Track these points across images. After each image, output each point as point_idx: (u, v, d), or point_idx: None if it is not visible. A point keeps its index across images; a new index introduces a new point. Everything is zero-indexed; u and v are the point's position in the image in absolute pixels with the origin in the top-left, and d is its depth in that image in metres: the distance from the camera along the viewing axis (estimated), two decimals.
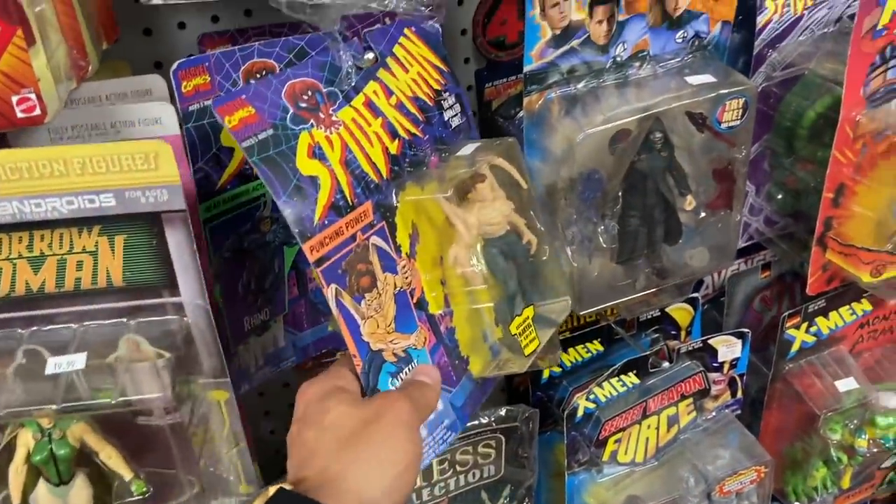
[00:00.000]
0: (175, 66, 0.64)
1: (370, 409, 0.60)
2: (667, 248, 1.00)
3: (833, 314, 1.13)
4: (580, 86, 0.90)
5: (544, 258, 0.81)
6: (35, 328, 0.60)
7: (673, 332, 1.18)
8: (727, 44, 0.95)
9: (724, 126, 0.90)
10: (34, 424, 0.63)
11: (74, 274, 0.58)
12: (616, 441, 1.07)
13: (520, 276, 0.76)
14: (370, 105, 0.66)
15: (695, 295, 1.17)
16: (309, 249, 0.59)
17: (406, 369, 0.68)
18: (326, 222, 0.60)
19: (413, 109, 0.70)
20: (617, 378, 1.05)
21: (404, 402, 0.61)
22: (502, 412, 1.08)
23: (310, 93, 0.62)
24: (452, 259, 0.70)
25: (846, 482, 1.25)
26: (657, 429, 1.09)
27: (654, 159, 0.92)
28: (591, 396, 1.05)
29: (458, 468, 1.10)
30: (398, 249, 0.67)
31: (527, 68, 0.86)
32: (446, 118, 0.75)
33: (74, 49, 0.57)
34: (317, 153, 0.61)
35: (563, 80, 0.89)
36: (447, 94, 0.76)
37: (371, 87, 0.67)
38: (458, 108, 0.77)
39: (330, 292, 0.60)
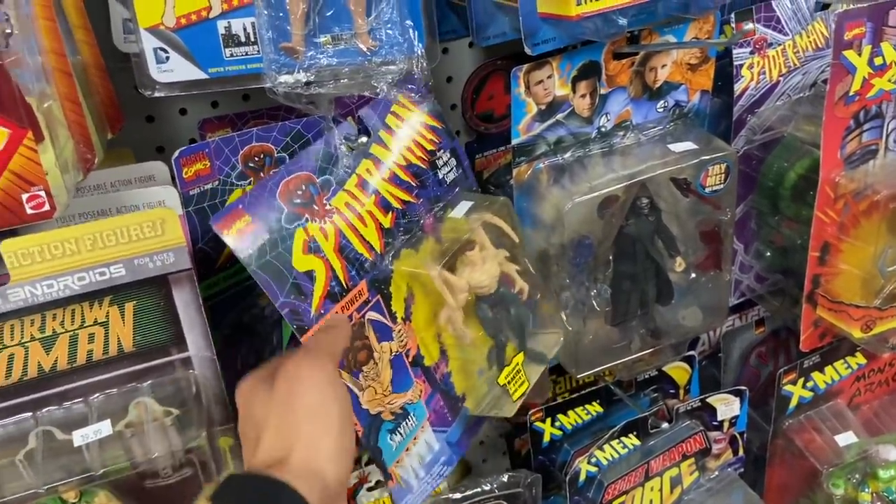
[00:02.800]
0: (177, 153, 0.67)
1: (279, 382, 0.59)
2: (660, 309, 1.03)
3: (829, 369, 1.14)
4: (567, 155, 0.94)
5: (537, 298, 0.83)
6: (47, 409, 0.62)
7: (671, 391, 1.19)
8: (707, 111, 1.00)
9: (708, 190, 0.94)
10: (58, 501, 0.64)
11: (86, 347, 0.60)
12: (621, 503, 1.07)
13: (512, 322, 0.79)
14: (363, 184, 0.69)
15: (691, 353, 1.18)
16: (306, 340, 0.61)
17: (403, 423, 0.70)
18: (323, 311, 0.63)
19: (406, 177, 0.74)
20: (618, 440, 1.06)
21: (311, 365, 0.59)
22: (504, 478, 1.08)
23: (304, 187, 0.65)
24: (444, 319, 0.73)
25: None
26: (660, 490, 1.09)
27: (642, 224, 0.95)
28: (593, 460, 1.05)
29: None
30: (393, 316, 0.70)
31: (515, 141, 0.89)
32: (441, 176, 0.78)
33: (81, 143, 0.60)
34: (312, 247, 0.64)
35: (551, 150, 0.92)
36: (441, 151, 0.79)
37: (364, 166, 0.70)
38: (452, 162, 0.80)
39: None
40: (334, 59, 0.64)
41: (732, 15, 0.96)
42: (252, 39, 0.67)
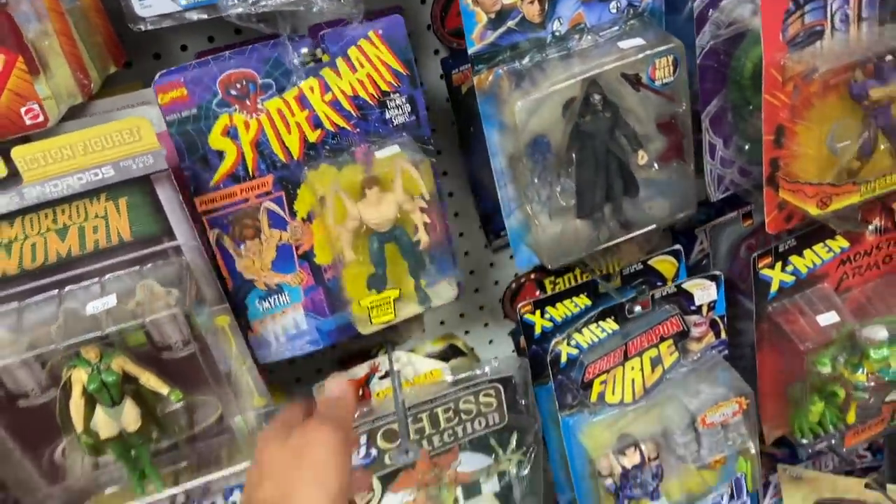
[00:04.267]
0: (155, 79, 0.81)
1: (294, 438, 0.69)
2: (629, 202, 1.10)
3: (808, 253, 1.18)
4: (525, 61, 1.01)
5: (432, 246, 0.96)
6: (68, 288, 0.78)
7: (659, 284, 1.26)
8: (662, 9, 1.04)
9: (658, 83, 0.99)
10: (84, 362, 0.80)
11: (93, 237, 0.75)
12: (602, 383, 1.16)
13: (402, 262, 0.92)
14: (301, 99, 0.82)
15: (677, 247, 1.24)
16: (198, 202, 0.76)
17: (276, 296, 0.90)
18: (221, 186, 0.78)
19: (348, 106, 0.86)
20: (596, 324, 1.15)
21: (324, 429, 0.70)
22: (496, 363, 1.20)
23: (244, 83, 0.78)
24: (337, 235, 0.87)
25: (851, 417, 1.28)
26: (641, 370, 1.18)
27: (599, 120, 1.02)
28: (573, 342, 1.15)
29: (464, 416, 1.22)
30: (294, 213, 0.84)
31: (471, 50, 0.98)
32: (388, 116, 0.89)
33: (78, 72, 0.74)
34: (230, 133, 0.78)
35: (509, 57, 1.00)
36: (396, 94, 0.89)
37: (308, 83, 0.82)
38: (406, 108, 0.91)
39: (212, 235, 0.77)
40: None
41: None
42: None
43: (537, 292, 1.35)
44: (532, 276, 1.35)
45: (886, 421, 1.33)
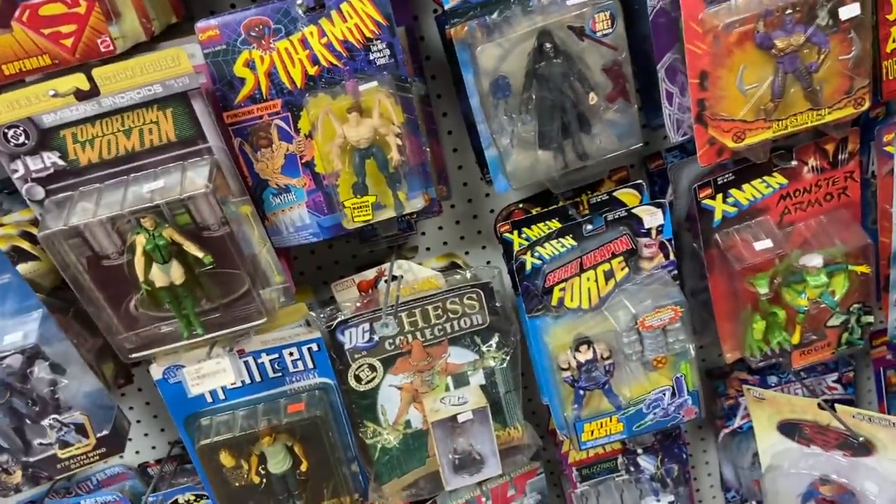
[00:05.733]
0: (196, 23, 1.10)
1: None
2: (584, 137, 1.31)
3: (747, 187, 1.35)
4: (494, 16, 1.24)
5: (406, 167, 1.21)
6: (133, 175, 1.09)
7: (628, 209, 1.46)
8: None
9: (599, 34, 1.20)
10: (143, 230, 1.11)
11: (148, 137, 1.06)
12: (561, 290, 1.39)
13: (377, 174, 1.18)
14: (303, 41, 1.10)
15: (639, 181, 1.44)
16: (226, 116, 1.06)
17: (284, 195, 1.19)
18: (243, 105, 1.08)
19: (339, 48, 1.13)
20: (557, 240, 1.38)
21: None
22: (475, 272, 1.45)
23: (260, 27, 1.06)
24: (328, 149, 1.15)
25: (796, 338, 1.45)
26: (596, 281, 1.39)
27: (552, 65, 1.23)
28: (536, 254, 1.38)
29: (451, 315, 1.48)
30: (297, 130, 1.13)
31: (447, 6, 1.22)
32: (371, 58, 1.15)
33: (142, 17, 1.04)
34: (250, 64, 1.07)
35: (480, 12, 1.23)
36: (378, 41, 1.15)
37: (309, 29, 1.10)
38: (386, 52, 1.16)
39: (236, 143, 1.07)
40: None
41: None
42: None
43: None
44: (521, 205, 1.58)
45: (833, 345, 1.49)
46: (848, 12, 1.11)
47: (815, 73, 1.16)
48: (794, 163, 1.34)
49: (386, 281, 1.50)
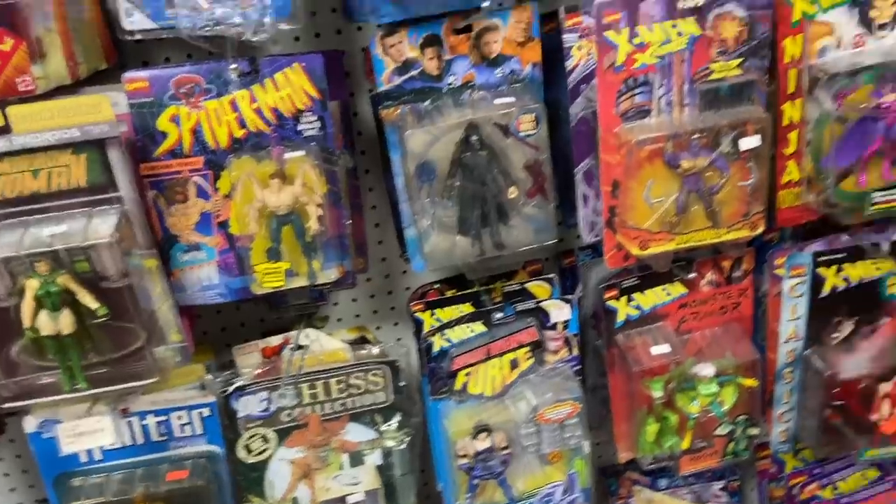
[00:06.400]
0: (125, 73, 1.10)
1: None
2: (501, 227, 1.35)
3: (650, 292, 1.42)
4: (426, 104, 1.29)
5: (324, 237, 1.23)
6: (36, 217, 1.05)
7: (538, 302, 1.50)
8: (540, 79, 1.31)
9: (522, 134, 1.26)
10: (37, 275, 1.06)
11: (57, 180, 1.03)
12: (466, 374, 1.40)
13: (293, 241, 1.19)
14: (234, 104, 1.12)
15: (551, 276, 1.49)
16: (143, 168, 1.07)
17: (194, 252, 1.19)
18: (162, 158, 1.09)
19: (269, 115, 1.15)
20: (467, 325, 1.40)
21: None
22: (384, 348, 1.45)
23: (192, 85, 1.07)
24: (246, 211, 1.16)
25: (686, 443, 1.49)
26: (501, 369, 1.41)
27: (476, 156, 1.28)
28: (445, 337, 1.39)
29: (354, 390, 1.46)
30: (216, 190, 1.14)
31: (381, 90, 1.26)
32: (300, 128, 1.18)
33: (69, 60, 1.03)
34: (175, 119, 1.08)
35: (412, 98, 1.28)
36: (309, 113, 1.18)
37: (241, 93, 1.12)
38: (316, 125, 1.19)
39: (151, 195, 1.09)
40: (216, 14, 1.04)
41: (562, 8, 1.28)
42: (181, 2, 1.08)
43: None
44: (436, 285, 1.60)
45: (720, 454, 1.54)
46: (748, 143, 1.21)
47: (716, 195, 1.25)
48: (693, 275, 1.41)
49: (291, 349, 1.47)
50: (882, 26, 1.26)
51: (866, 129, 1.25)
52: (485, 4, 1.16)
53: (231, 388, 1.37)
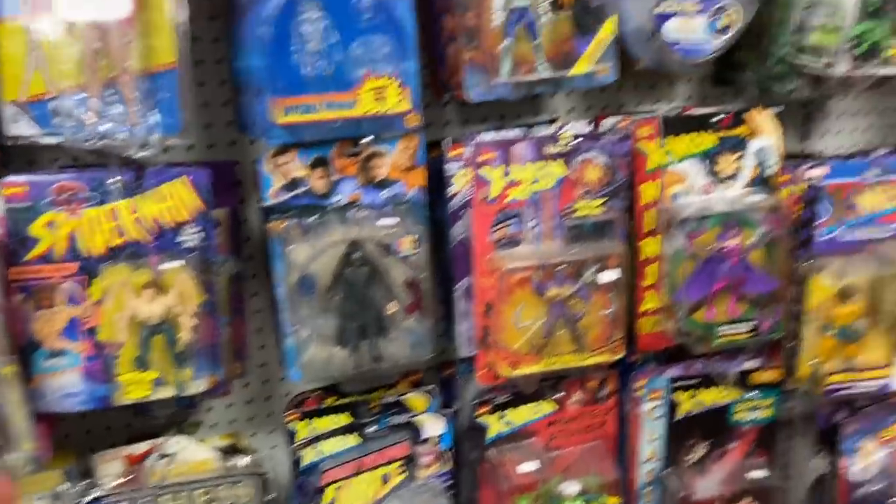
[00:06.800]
0: (4, 179, 1.09)
1: None
2: (380, 341, 1.39)
3: (521, 409, 1.47)
4: (312, 219, 1.33)
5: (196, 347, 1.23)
6: None
7: (412, 416, 1.52)
8: (424, 202, 1.39)
9: (403, 254, 1.32)
10: None
11: None
12: (337, 488, 1.39)
13: (163, 351, 1.19)
14: (114, 213, 1.13)
15: (430, 387, 1.52)
16: (12, 271, 1.05)
17: (57, 358, 1.15)
18: (33, 263, 1.08)
19: (150, 224, 1.16)
20: (340, 437, 1.40)
21: None
22: (256, 458, 1.42)
23: (72, 193, 1.07)
24: (116, 319, 1.16)
25: None
26: (372, 485, 1.41)
27: (357, 272, 1.33)
28: (317, 449, 1.38)
29: (219, 503, 1.41)
30: (87, 296, 1.13)
31: (267, 204, 1.30)
32: (181, 239, 1.19)
33: None
34: (50, 225, 1.06)
35: (298, 213, 1.32)
36: (191, 226, 1.19)
37: (123, 203, 1.13)
38: (196, 237, 1.20)
39: (16, 298, 1.06)
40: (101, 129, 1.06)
41: (449, 138, 1.37)
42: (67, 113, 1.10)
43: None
44: (315, 393, 1.60)
45: None
46: (608, 276, 1.31)
47: (580, 321, 1.34)
48: (561, 394, 1.48)
49: (156, 458, 1.42)
50: (726, 178, 1.43)
51: (713, 267, 1.39)
52: (369, 139, 1.24)
53: (86, 500, 1.31)
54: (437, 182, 1.40)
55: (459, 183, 1.38)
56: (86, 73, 1.06)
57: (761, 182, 1.44)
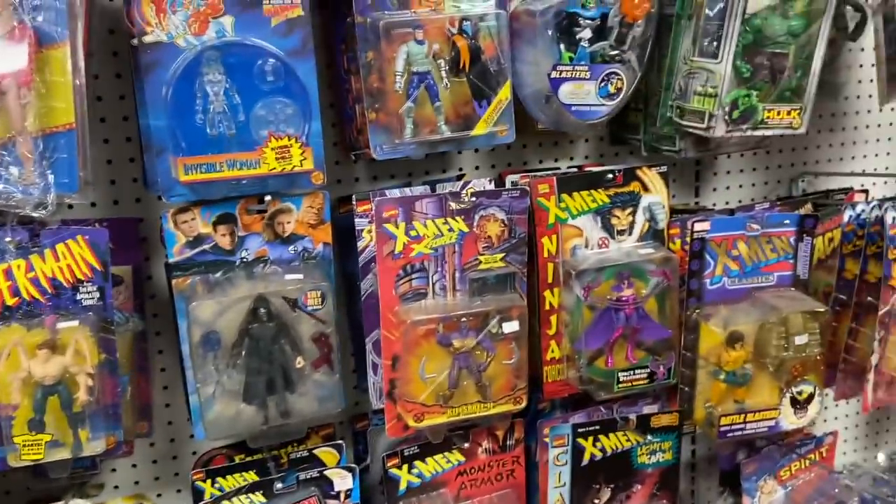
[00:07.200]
0: None
1: None
2: (288, 396, 1.39)
3: (430, 460, 1.49)
4: (217, 275, 1.34)
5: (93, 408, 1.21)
6: None
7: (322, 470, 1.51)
8: (331, 256, 1.42)
9: (309, 308, 1.34)
10: None
11: None
12: None
13: (60, 413, 1.17)
14: (8, 272, 1.11)
15: (339, 442, 1.52)
16: None
17: None
18: None
19: (46, 285, 1.15)
20: (246, 496, 1.38)
21: None
22: None
23: None
24: (9, 381, 1.13)
25: None
26: None
27: (264, 327, 1.33)
28: None
29: None
30: None
31: (171, 261, 1.30)
32: (78, 297, 1.18)
33: None
34: None
35: (203, 269, 1.33)
36: (89, 284, 1.19)
37: (17, 262, 1.12)
38: (95, 295, 1.19)
39: None
40: None
41: (353, 195, 1.41)
42: None
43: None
44: (224, 450, 1.57)
45: None
46: (510, 327, 1.36)
47: (484, 372, 1.38)
48: (469, 443, 1.51)
49: None
50: (621, 232, 1.51)
51: (610, 317, 1.46)
52: (267, 199, 1.26)
53: None
54: (349, 236, 1.43)
55: (368, 237, 1.42)
56: None
57: (653, 235, 1.53)
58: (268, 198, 1.26)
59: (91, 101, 1.19)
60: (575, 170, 1.61)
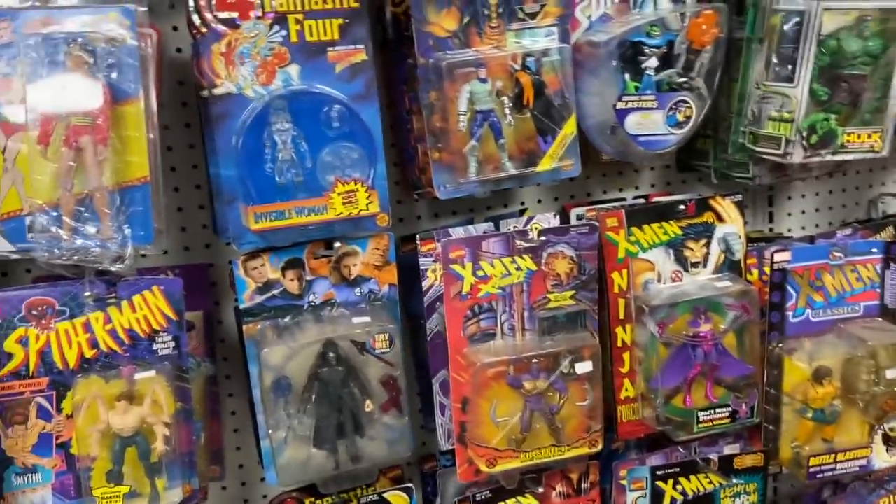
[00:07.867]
0: None
1: None
2: (358, 440, 1.38)
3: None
4: (286, 320, 1.34)
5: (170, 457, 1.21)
6: None
7: None
8: (397, 297, 1.40)
9: (377, 351, 1.32)
10: None
11: None
12: None
13: (137, 464, 1.18)
14: (87, 325, 1.13)
15: (409, 485, 1.50)
16: None
17: (30, 475, 1.13)
18: (5, 380, 1.05)
19: (122, 335, 1.17)
20: None
21: None
22: None
23: (44, 307, 1.08)
24: (88, 433, 1.14)
25: None
26: None
27: (333, 371, 1.32)
28: None
29: None
30: (60, 410, 1.12)
31: (242, 307, 1.31)
32: (154, 347, 1.19)
33: None
34: (22, 341, 1.07)
35: (273, 315, 1.33)
36: (165, 334, 1.20)
37: (95, 315, 1.14)
38: (171, 344, 1.21)
39: None
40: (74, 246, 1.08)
41: (417, 235, 1.40)
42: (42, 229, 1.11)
43: None
44: (294, 493, 1.56)
45: None
46: (582, 368, 1.32)
47: (557, 414, 1.34)
48: (543, 487, 1.46)
49: None
50: (695, 264, 1.46)
51: (687, 354, 1.40)
52: (336, 245, 1.26)
53: None
54: (412, 275, 1.42)
55: (433, 277, 1.40)
56: (60, 190, 1.08)
57: (729, 267, 1.47)
58: (337, 244, 1.26)
59: (162, 152, 1.22)
60: (642, 200, 1.56)
